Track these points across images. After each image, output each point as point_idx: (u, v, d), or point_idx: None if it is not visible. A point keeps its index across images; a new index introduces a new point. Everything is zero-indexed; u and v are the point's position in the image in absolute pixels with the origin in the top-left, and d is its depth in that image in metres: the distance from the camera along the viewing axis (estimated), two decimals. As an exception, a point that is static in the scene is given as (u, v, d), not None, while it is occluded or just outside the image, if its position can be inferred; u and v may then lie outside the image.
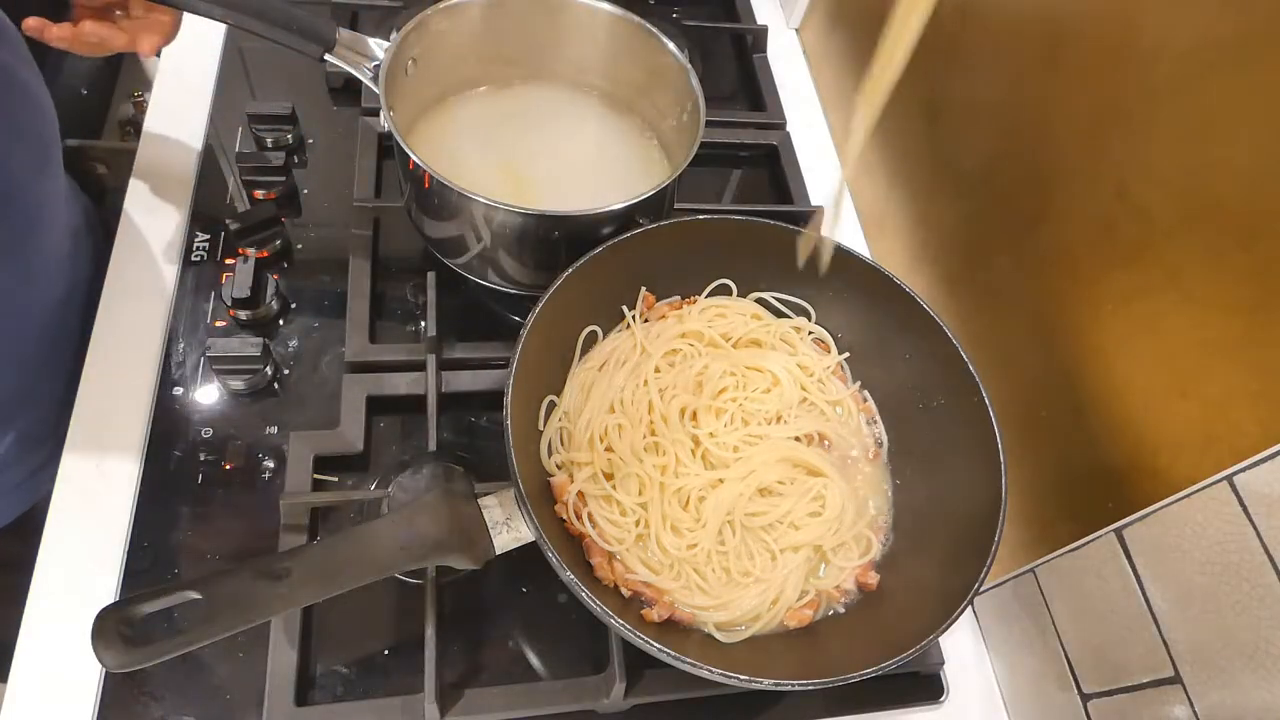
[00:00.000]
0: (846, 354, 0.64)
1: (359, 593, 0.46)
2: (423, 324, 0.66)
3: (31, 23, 0.58)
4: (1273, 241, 0.41)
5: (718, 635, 0.52)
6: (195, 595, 0.42)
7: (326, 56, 0.60)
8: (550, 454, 0.56)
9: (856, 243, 0.81)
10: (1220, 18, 0.43)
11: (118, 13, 0.60)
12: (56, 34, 0.58)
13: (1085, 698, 0.54)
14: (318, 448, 0.60)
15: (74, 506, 0.57)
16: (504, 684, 0.54)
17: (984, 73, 0.65)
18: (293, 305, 0.68)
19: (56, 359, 0.64)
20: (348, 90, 0.81)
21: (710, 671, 0.45)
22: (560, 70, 0.73)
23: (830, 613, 0.55)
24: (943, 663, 0.61)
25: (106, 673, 0.52)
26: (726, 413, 0.59)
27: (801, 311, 0.65)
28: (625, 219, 0.60)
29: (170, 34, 0.62)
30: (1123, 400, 0.51)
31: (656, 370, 0.59)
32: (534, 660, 0.56)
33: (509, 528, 0.50)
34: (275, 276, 0.67)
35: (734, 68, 0.94)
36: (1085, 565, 0.53)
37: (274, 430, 0.62)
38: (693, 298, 0.65)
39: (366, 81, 0.60)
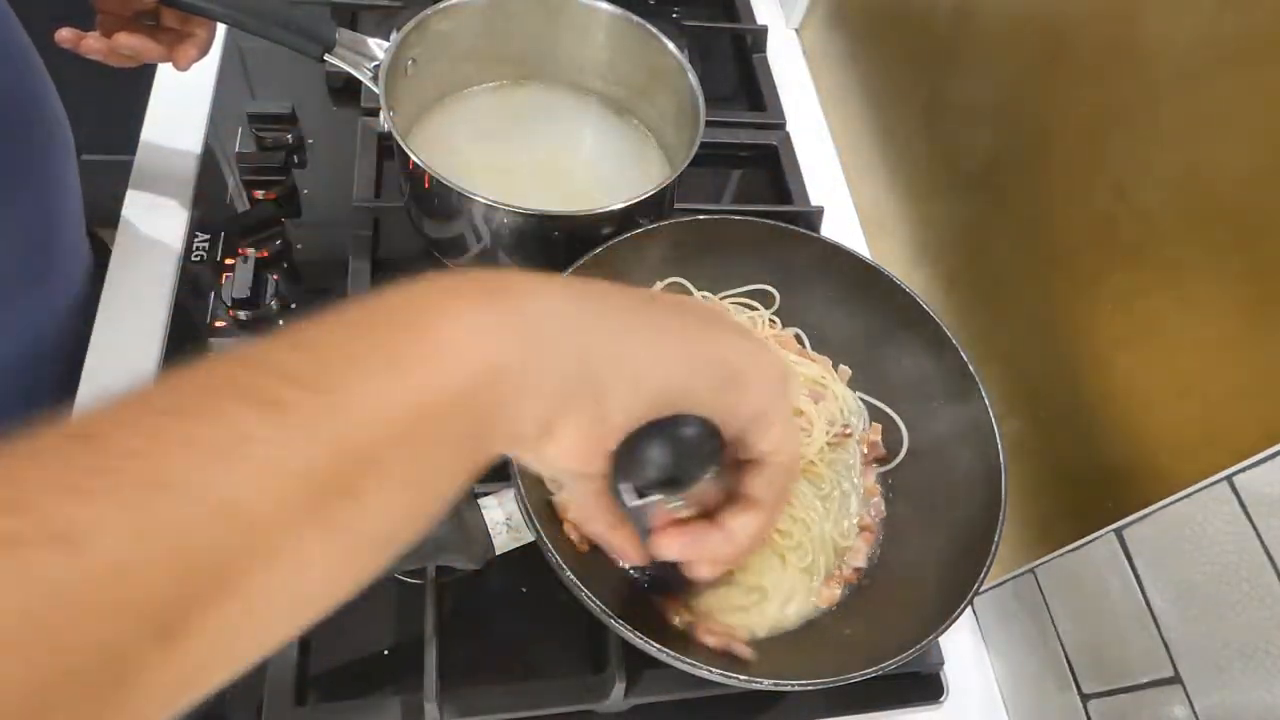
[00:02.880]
0: (774, 308, 0.64)
1: (359, 592, 0.46)
2: (423, 324, 0.66)
3: (65, 34, 0.57)
4: (1273, 241, 0.41)
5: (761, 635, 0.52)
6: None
7: (326, 56, 0.60)
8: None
9: (856, 243, 0.81)
10: (1220, 18, 0.43)
11: (149, 23, 0.59)
12: (92, 45, 0.57)
13: (1085, 698, 0.54)
14: (318, 448, 0.60)
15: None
16: (504, 684, 0.54)
17: (984, 72, 0.65)
18: (293, 305, 0.68)
19: (57, 363, 0.64)
20: (348, 90, 0.80)
21: (710, 672, 0.45)
22: (560, 70, 0.73)
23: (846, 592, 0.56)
24: (943, 663, 0.60)
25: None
26: None
27: (763, 296, 0.65)
28: (625, 219, 0.60)
29: (205, 48, 0.61)
30: (1123, 400, 0.51)
31: None
32: (534, 660, 0.56)
33: (509, 528, 0.50)
34: (275, 276, 0.67)
35: (734, 68, 0.94)
36: (1085, 565, 0.53)
37: (274, 430, 0.62)
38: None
39: (366, 81, 0.60)
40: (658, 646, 0.45)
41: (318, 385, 0.19)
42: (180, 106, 0.77)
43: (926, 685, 0.60)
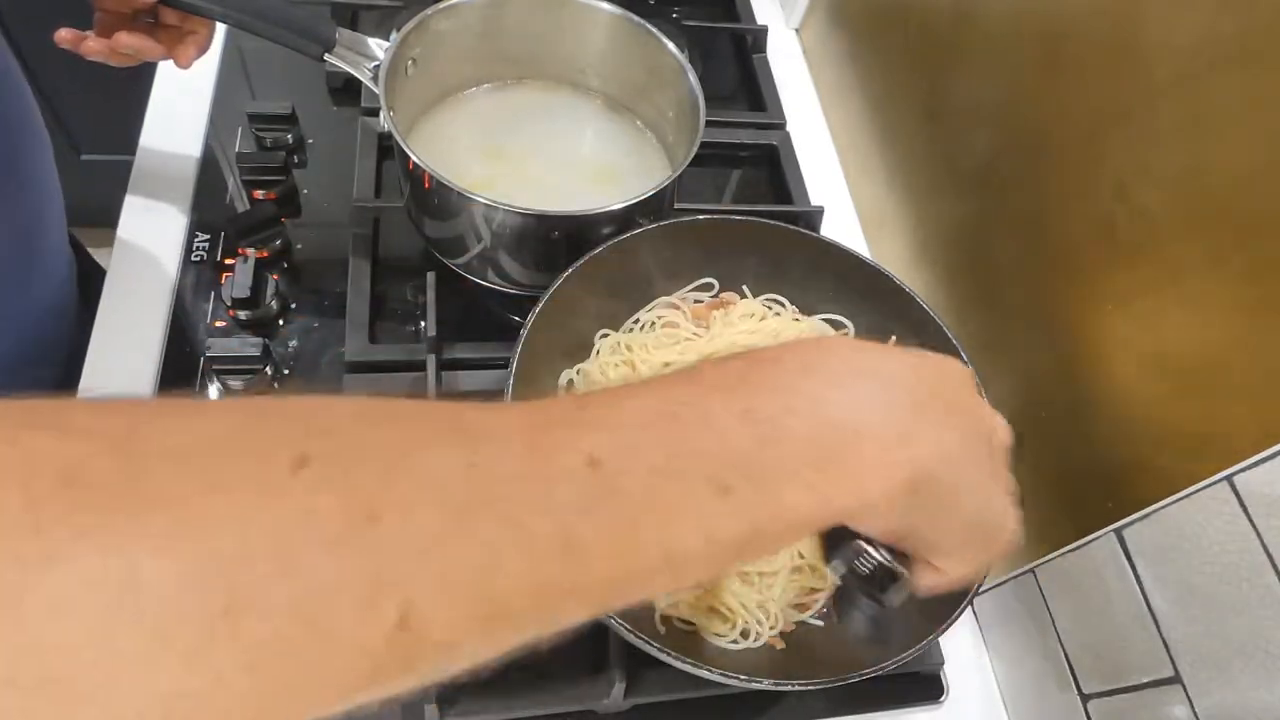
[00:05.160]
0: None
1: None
2: (423, 324, 0.66)
3: (64, 34, 0.57)
4: (1273, 241, 0.41)
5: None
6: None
7: (326, 56, 0.60)
8: None
9: (856, 243, 0.81)
10: (1220, 17, 0.43)
11: (149, 21, 0.59)
12: (92, 47, 0.57)
13: (1085, 698, 0.54)
14: (318, 448, 0.59)
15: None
16: (504, 684, 0.54)
17: (983, 72, 0.65)
18: (293, 305, 0.68)
19: (45, 366, 0.64)
20: (348, 90, 0.80)
21: (710, 671, 0.45)
22: (560, 70, 0.73)
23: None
24: (943, 663, 0.60)
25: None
26: None
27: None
28: (625, 219, 0.60)
29: (205, 45, 0.61)
30: (1123, 400, 0.51)
31: None
32: (534, 660, 0.56)
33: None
34: (275, 276, 0.67)
35: (734, 68, 0.94)
36: (1085, 565, 0.53)
37: (274, 430, 0.61)
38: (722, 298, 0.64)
39: (366, 81, 0.60)
40: (658, 646, 0.45)
41: (759, 484, 0.26)
42: (180, 106, 0.77)
43: (926, 685, 0.60)
